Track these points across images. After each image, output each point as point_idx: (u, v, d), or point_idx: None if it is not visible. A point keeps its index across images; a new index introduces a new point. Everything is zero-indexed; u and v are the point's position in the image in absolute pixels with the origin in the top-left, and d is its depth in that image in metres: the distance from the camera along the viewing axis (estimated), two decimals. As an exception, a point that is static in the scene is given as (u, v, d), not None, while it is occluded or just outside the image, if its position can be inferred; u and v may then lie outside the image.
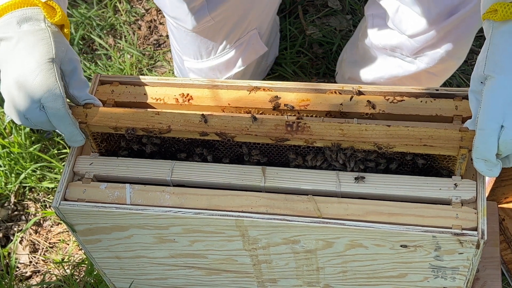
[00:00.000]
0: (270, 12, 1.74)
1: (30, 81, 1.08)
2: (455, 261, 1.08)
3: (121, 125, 1.13)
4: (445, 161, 1.09)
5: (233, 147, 1.14)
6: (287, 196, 1.10)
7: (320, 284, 1.24)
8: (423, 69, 1.57)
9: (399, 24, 1.51)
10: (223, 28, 1.59)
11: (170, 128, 1.12)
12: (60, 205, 1.14)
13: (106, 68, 1.97)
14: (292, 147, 1.12)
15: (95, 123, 1.13)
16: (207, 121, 1.11)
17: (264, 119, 1.11)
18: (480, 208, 1.04)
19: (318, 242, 1.11)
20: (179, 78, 1.27)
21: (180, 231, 1.15)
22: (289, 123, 1.09)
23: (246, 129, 1.10)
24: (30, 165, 1.79)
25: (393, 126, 1.07)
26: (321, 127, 1.09)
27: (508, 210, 1.53)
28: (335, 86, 1.19)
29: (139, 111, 1.15)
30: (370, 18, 1.62)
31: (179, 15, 1.53)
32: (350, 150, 1.08)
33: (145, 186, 1.14)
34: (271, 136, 1.09)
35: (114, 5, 2.11)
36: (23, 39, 1.10)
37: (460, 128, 1.05)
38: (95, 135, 1.17)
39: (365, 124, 1.09)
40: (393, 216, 1.06)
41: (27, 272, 1.71)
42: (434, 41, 1.49)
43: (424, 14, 1.44)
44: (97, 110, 1.15)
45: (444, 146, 1.05)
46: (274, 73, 1.92)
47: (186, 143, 1.16)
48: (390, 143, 1.06)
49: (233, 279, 1.28)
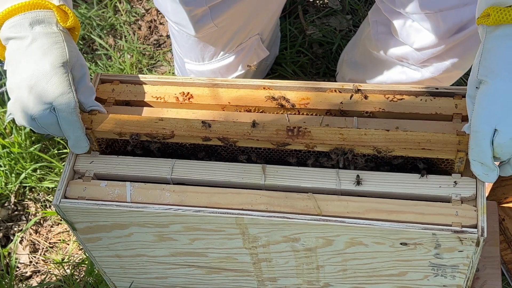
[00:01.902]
0: (273, 18, 1.74)
1: (43, 83, 1.08)
2: (455, 259, 1.08)
3: (126, 131, 1.15)
4: (443, 165, 1.10)
5: (235, 152, 1.16)
6: (287, 194, 1.10)
7: (320, 283, 1.24)
8: (428, 78, 1.56)
9: (406, 37, 1.49)
10: (225, 33, 1.59)
11: (173, 133, 1.14)
12: (60, 203, 1.14)
13: (106, 68, 1.98)
14: (293, 151, 1.14)
15: (101, 129, 1.15)
16: (209, 127, 1.13)
17: (266, 124, 1.13)
18: (480, 206, 1.04)
19: (318, 240, 1.11)
20: (180, 77, 1.27)
21: (180, 229, 1.15)
22: (290, 128, 1.11)
23: (248, 134, 1.12)
24: (30, 165, 1.80)
25: (392, 130, 1.09)
26: (321, 132, 1.11)
27: (508, 210, 1.53)
28: (335, 85, 1.20)
29: (143, 117, 1.17)
30: (375, 24, 1.60)
31: (182, 21, 1.53)
32: (350, 153, 1.09)
33: (146, 184, 1.14)
34: (273, 140, 1.11)
35: (114, 5, 2.11)
36: (37, 40, 1.11)
37: (458, 132, 1.08)
38: (100, 141, 1.19)
39: (364, 128, 1.11)
40: (393, 213, 1.06)
41: (27, 272, 1.71)
42: (440, 53, 1.48)
43: (433, 30, 1.42)
44: (102, 116, 1.16)
45: (442, 149, 1.06)
46: (274, 72, 1.92)
47: (189, 149, 1.17)
48: (389, 147, 1.08)
49: (233, 278, 1.28)
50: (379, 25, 1.58)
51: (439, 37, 1.42)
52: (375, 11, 1.60)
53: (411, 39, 1.48)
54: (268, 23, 1.69)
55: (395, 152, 1.08)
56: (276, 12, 1.72)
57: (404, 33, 1.48)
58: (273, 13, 1.69)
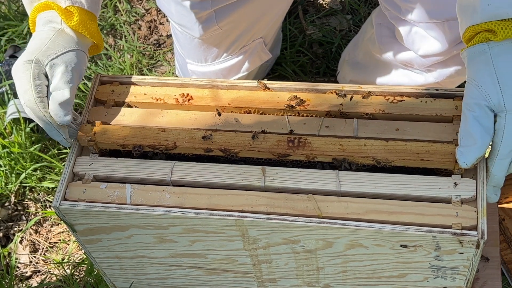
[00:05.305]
0: (277, 22, 1.73)
1: (14, 76, 1.14)
2: (455, 261, 1.08)
3: (129, 143, 1.16)
4: (442, 174, 1.11)
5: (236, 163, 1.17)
6: (287, 195, 1.10)
7: (320, 284, 1.24)
8: (431, 82, 1.54)
9: (411, 44, 1.47)
10: (229, 36, 1.58)
11: (175, 145, 1.15)
12: (60, 205, 1.14)
13: (106, 68, 1.97)
14: (293, 161, 1.14)
15: (103, 141, 1.17)
16: (211, 138, 1.14)
17: (266, 135, 1.14)
18: (480, 207, 1.04)
19: (318, 242, 1.11)
20: (180, 78, 1.27)
21: (180, 231, 1.15)
22: (290, 139, 1.13)
23: (249, 145, 1.13)
24: (30, 165, 1.80)
25: (391, 141, 1.10)
26: (321, 143, 1.12)
27: (508, 210, 1.53)
28: (335, 86, 1.19)
29: (146, 128, 1.17)
30: (379, 27, 1.58)
31: (186, 23, 1.52)
32: (351, 165, 1.11)
33: (145, 186, 1.14)
34: (273, 152, 1.12)
35: (114, 5, 2.11)
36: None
37: (456, 142, 1.08)
38: (103, 151, 1.20)
39: (364, 139, 1.12)
40: (393, 214, 1.06)
41: (27, 272, 1.71)
42: (445, 60, 1.47)
43: (439, 38, 1.40)
44: (105, 128, 1.18)
45: (441, 160, 1.08)
46: (274, 72, 1.92)
47: (191, 159, 1.17)
48: (388, 158, 1.09)
49: (233, 279, 1.28)
50: (383, 28, 1.57)
51: (445, 45, 1.41)
52: (380, 14, 1.58)
53: (416, 46, 1.46)
54: (272, 27, 1.69)
55: (394, 163, 1.10)
56: (281, 16, 1.72)
57: (409, 40, 1.46)
58: (277, 17, 1.68)
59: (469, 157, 1.03)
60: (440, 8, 1.36)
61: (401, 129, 1.13)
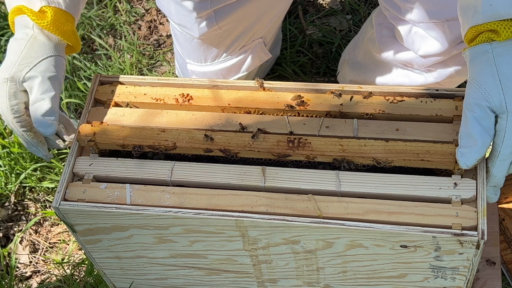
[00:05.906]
0: (277, 22, 1.73)
1: None
2: (455, 261, 1.08)
3: (129, 143, 1.16)
4: (442, 175, 1.11)
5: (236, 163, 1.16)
6: (287, 195, 1.10)
7: (320, 284, 1.24)
8: (431, 82, 1.54)
9: (411, 44, 1.47)
10: (229, 36, 1.58)
11: (175, 145, 1.15)
12: (60, 205, 1.14)
13: (106, 68, 1.97)
14: (293, 161, 1.14)
15: (103, 141, 1.16)
16: (211, 139, 1.14)
17: (266, 135, 1.14)
18: (480, 208, 1.04)
19: (318, 242, 1.11)
20: (179, 78, 1.27)
21: (180, 231, 1.15)
22: (290, 139, 1.13)
23: (249, 146, 1.13)
24: (30, 165, 1.79)
25: (391, 141, 1.10)
26: (321, 143, 1.12)
27: (508, 210, 1.53)
28: (335, 87, 1.19)
29: (146, 128, 1.17)
30: (379, 27, 1.58)
31: (186, 23, 1.52)
32: (350, 164, 1.11)
33: (145, 186, 1.14)
34: (273, 152, 1.12)
35: (114, 5, 2.11)
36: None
37: (456, 142, 1.08)
38: (103, 152, 1.20)
39: (364, 139, 1.11)
40: (393, 214, 1.06)
41: (27, 272, 1.71)
42: (445, 60, 1.47)
43: (439, 38, 1.40)
44: (105, 128, 1.17)
45: (441, 161, 1.08)
46: (274, 72, 1.92)
47: (191, 159, 1.17)
48: (388, 158, 1.09)
49: (233, 279, 1.28)
50: (383, 28, 1.57)
51: (445, 45, 1.41)
52: (380, 14, 1.58)
53: (416, 46, 1.46)
54: (272, 27, 1.69)
55: (394, 163, 1.10)
56: (280, 16, 1.72)
57: (409, 40, 1.46)
58: (277, 17, 1.68)
59: (469, 158, 1.03)
60: (440, 8, 1.36)
61: (401, 129, 1.13)
